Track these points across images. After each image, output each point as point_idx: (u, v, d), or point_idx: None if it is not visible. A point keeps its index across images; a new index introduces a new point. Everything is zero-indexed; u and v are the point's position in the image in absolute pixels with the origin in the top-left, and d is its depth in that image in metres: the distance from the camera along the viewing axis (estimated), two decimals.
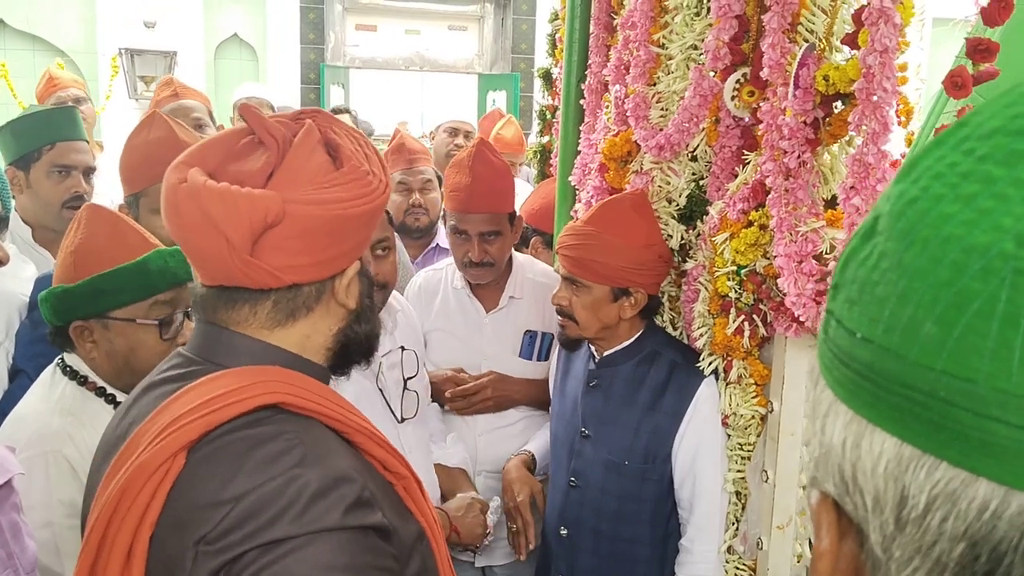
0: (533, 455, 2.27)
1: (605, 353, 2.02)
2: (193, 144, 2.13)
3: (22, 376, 2.02)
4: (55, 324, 1.65)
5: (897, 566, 0.42)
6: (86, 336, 1.63)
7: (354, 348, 1.20)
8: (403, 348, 2.04)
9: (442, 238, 3.24)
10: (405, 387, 2.02)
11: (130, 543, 0.97)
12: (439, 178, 3.16)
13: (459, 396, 2.31)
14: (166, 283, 1.67)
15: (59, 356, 1.69)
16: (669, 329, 2.13)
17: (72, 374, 1.63)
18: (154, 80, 7.31)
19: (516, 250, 2.53)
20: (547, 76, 3.18)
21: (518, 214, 2.41)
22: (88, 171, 2.58)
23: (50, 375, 1.66)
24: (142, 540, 0.96)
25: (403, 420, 2.00)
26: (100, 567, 0.98)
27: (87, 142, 2.63)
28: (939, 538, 0.40)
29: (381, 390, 1.98)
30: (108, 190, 3.33)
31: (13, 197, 2.48)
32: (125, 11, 7.77)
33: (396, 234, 2.19)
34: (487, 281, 2.40)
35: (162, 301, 1.67)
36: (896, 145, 1.74)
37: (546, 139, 3.22)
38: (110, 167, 3.54)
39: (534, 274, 2.47)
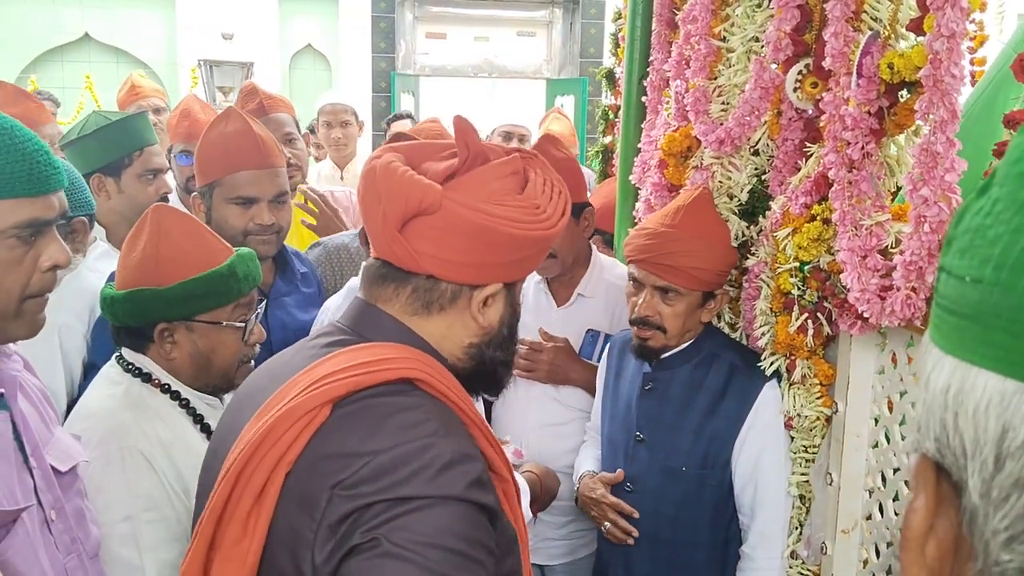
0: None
1: (662, 356, 1.98)
2: (266, 137, 2.19)
3: (94, 371, 2.08)
4: (132, 324, 1.68)
5: (995, 506, 0.43)
6: (166, 337, 1.67)
7: (481, 373, 1.24)
8: None
9: None
10: None
11: (266, 479, 1.04)
12: None
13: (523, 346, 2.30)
14: (248, 286, 1.73)
15: (117, 353, 1.73)
16: (727, 330, 2.09)
17: (135, 372, 1.67)
18: (232, 90, 7.49)
19: None
20: (610, 76, 3.15)
21: (587, 208, 2.35)
22: (164, 173, 2.70)
23: (112, 371, 1.70)
24: (278, 477, 1.04)
25: None
26: (234, 500, 1.06)
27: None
28: None
29: None
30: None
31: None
32: (204, 24, 8.02)
33: None
34: (553, 275, 2.37)
35: (243, 304, 1.73)
36: None
37: (608, 139, 3.20)
38: None
39: (612, 276, 2.41)
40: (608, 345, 2.23)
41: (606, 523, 2.01)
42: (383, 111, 8.06)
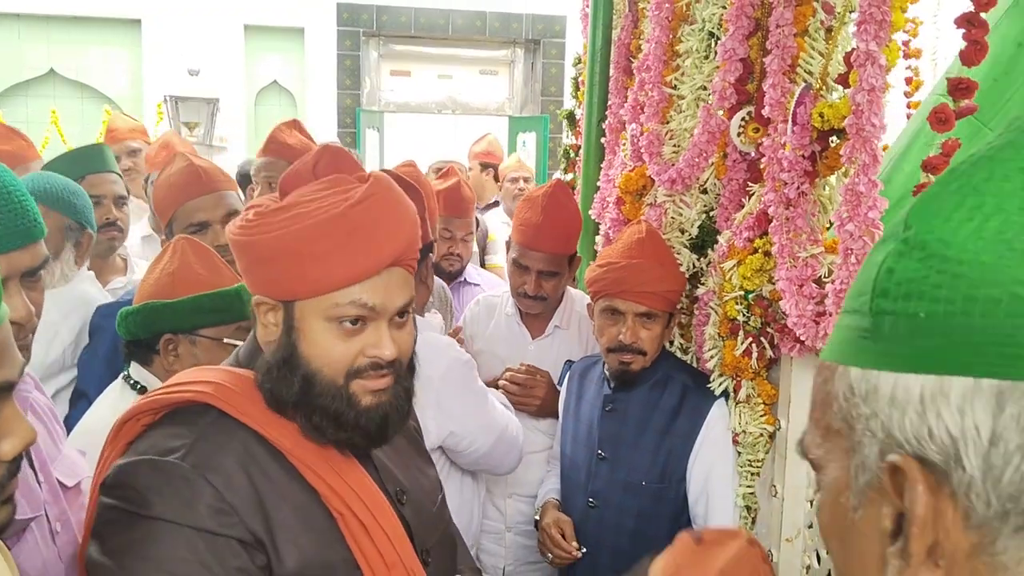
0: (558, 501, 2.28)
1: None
2: (208, 167, 2.31)
3: (83, 400, 2.14)
4: (140, 336, 1.79)
5: (1004, 462, 0.51)
6: (171, 349, 1.78)
7: (296, 403, 1.16)
8: None
9: None
10: None
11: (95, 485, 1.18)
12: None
13: (516, 383, 2.38)
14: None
15: (124, 372, 1.83)
16: (679, 354, 2.24)
17: (142, 389, 1.76)
18: (197, 125, 7.57)
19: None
20: (571, 117, 3.32)
21: (576, 257, 2.49)
22: (118, 200, 2.77)
23: (119, 389, 1.79)
24: (97, 483, 1.17)
25: None
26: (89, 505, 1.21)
27: (118, 175, 2.82)
28: None
29: None
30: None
31: None
32: (170, 60, 8.09)
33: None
34: (537, 311, 2.49)
35: (245, 327, 1.83)
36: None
37: (569, 176, 3.36)
38: None
39: (581, 308, 2.53)
40: (569, 372, 2.36)
41: (549, 554, 2.11)
42: (348, 147, 8.15)
